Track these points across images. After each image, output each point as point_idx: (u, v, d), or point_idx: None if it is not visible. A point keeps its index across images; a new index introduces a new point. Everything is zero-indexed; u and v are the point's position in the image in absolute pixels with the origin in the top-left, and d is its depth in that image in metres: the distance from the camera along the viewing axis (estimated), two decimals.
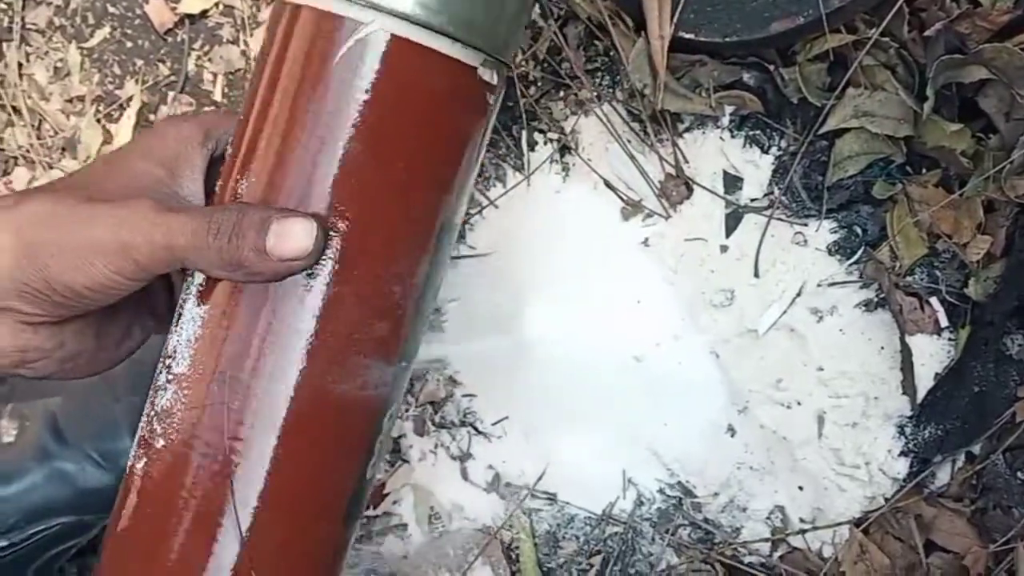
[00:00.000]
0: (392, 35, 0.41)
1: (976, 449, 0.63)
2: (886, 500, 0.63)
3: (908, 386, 0.62)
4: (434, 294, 0.47)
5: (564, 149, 0.67)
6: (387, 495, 0.74)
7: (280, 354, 0.42)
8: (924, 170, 0.61)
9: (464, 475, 0.73)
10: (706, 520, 0.68)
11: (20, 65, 0.79)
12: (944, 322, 0.62)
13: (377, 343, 0.44)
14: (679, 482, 0.68)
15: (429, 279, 0.45)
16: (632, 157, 0.66)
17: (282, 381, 0.42)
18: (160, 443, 0.44)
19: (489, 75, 0.44)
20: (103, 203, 0.42)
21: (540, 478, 0.70)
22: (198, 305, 0.44)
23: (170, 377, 0.44)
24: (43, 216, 0.42)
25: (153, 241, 0.41)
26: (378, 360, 0.44)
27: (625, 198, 0.66)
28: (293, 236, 0.41)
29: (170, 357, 0.44)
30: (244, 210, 0.41)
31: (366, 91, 0.41)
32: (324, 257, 0.42)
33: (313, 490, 0.44)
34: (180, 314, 0.44)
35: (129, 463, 0.46)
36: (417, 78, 0.42)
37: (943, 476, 0.63)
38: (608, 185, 0.66)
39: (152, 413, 0.45)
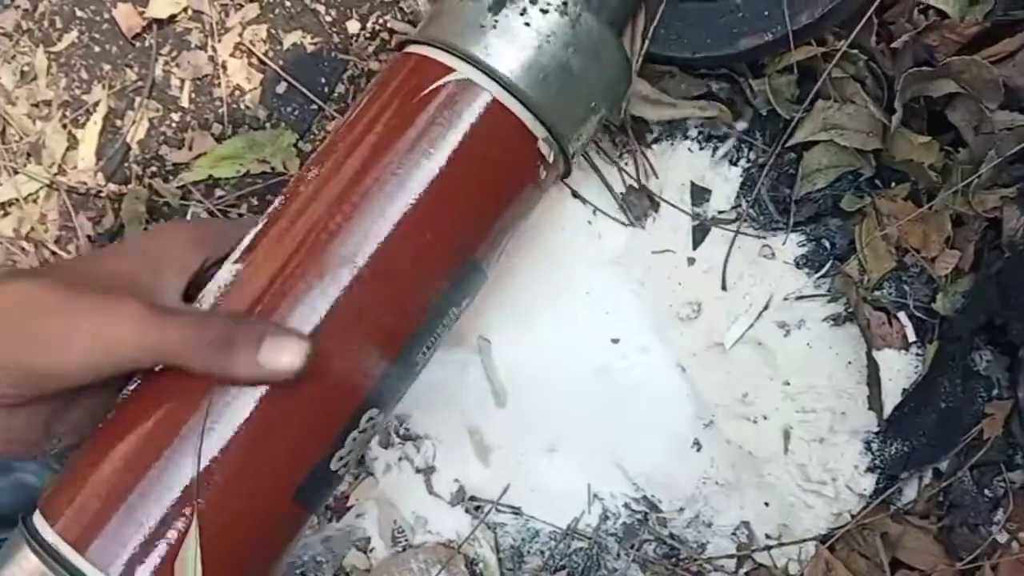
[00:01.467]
0: (472, 82, 0.49)
1: (943, 466, 0.62)
2: (852, 517, 0.63)
3: (875, 401, 0.62)
4: (450, 323, 0.52)
5: None
6: (350, 508, 0.73)
7: (297, 308, 0.45)
8: (893, 183, 0.61)
9: (429, 488, 0.72)
10: (671, 535, 0.67)
11: None
12: (912, 337, 0.62)
13: (384, 334, 0.48)
14: (645, 497, 0.67)
15: (447, 301, 0.50)
16: (595, 168, 0.65)
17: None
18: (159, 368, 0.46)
19: (546, 150, 0.51)
20: (89, 295, 0.42)
21: (504, 492, 0.69)
22: (236, 263, 0.48)
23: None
24: (27, 299, 0.42)
25: (142, 342, 0.42)
26: (378, 351, 0.48)
27: (593, 208, 0.65)
28: (286, 355, 0.43)
29: (201, 301, 0.48)
30: (239, 323, 0.43)
31: (447, 132, 0.48)
32: (358, 253, 0.47)
33: (277, 455, 0.46)
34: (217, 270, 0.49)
35: (125, 391, 0.47)
36: (490, 131, 0.49)
37: (910, 493, 0.63)
38: (576, 195, 0.66)
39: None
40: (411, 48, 0.52)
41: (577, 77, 0.51)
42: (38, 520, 0.46)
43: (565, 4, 0.50)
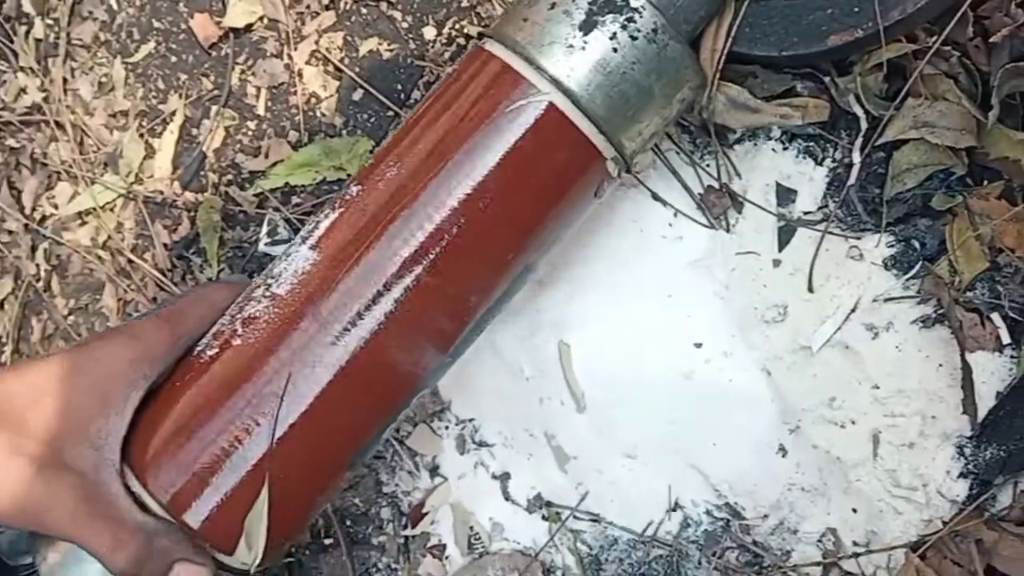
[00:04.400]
0: (554, 105, 0.51)
1: None
2: (944, 523, 0.61)
3: (968, 405, 0.60)
4: (493, 316, 0.56)
5: None
6: (425, 514, 0.72)
7: (365, 312, 0.50)
8: (986, 182, 0.60)
9: (505, 494, 0.71)
10: (755, 543, 0.66)
11: (65, 80, 0.79)
12: (1006, 339, 0.60)
13: (440, 334, 0.53)
14: (727, 503, 0.66)
15: (498, 302, 0.55)
16: (674, 171, 0.65)
17: (358, 334, 0.51)
18: (237, 342, 0.52)
19: (613, 168, 0.54)
20: (32, 469, 0.47)
21: (583, 499, 0.69)
22: (312, 249, 0.52)
23: (267, 294, 0.52)
24: None
25: (68, 536, 0.48)
26: (434, 348, 0.54)
27: (674, 211, 0.65)
28: None
29: (273, 279, 0.53)
30: (151, 544, 0.49)
31: (518, 141, 0.51)
32: (428, 250, 0.50)
33: (341, 428, 0.52)
34: (290, 252, 0.53)
35: (199, 349, 0.53)
36: (560, 147, 0.52)
37: (1004, 499, 0.61)
38: (656, 197, 0.65)
39: (238, 316, 0.53)
40: (494, 48, 0.52)
41: (655, 100, 0.53)
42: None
43: (655, 31, 0.51)
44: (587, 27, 0.51)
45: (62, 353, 0.51)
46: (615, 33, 0.51)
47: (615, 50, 0.51)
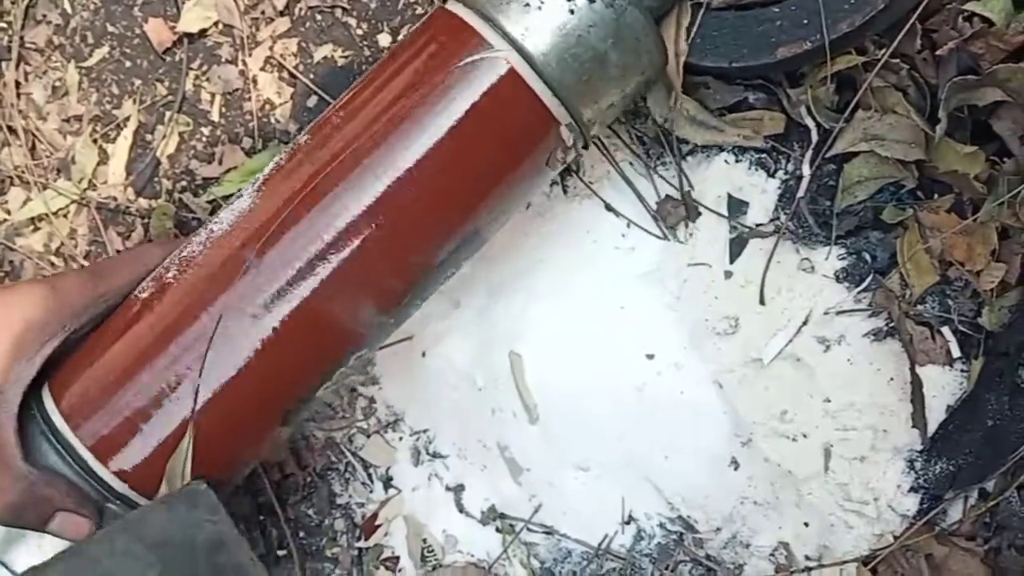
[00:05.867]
0: (508, 63, 0.50)
1: (990, 486, 0.60)
2: (895, 538, 0.61)
3: (919, 419, 0.60)
4: (439, 282, 0.56)
5: (565, 171, 0.66)
6: (379, 526, 0.72)
7: (306, 262, 0.50)
8: (936, 195, 0.60)
9: (459, 506, 0.71)
10: (708, 556, 0.65)
11: (18, 84, 0.78)
12: (956, 352, 0.60)
13: (382, 293, 0.53)
14: (680, 516, 0.66)
15: (443, 266, 0.54)
16: (627, 180, 0.64)
17: (298, 284, 0.50)
18: (172, 284, 0.52)
19: (568, 136, 0.53)
20: None
21: (536, 511, 0.68)
22: (256, 192, 0.53)
23: (208, 234, 0.52)
24: None
25: None
26: (375, 306, 0.53)
27: (627, 222, 0.64)
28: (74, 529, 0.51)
29: (215, 222, 0.53)
30: (32, 492, 0.50)
31: (470, 98, 0.50)
32: (371, 208, 0.50)
33: (274, 380, 0.52)
34: (240, 193, 0.54)
35: (136, 292, 0.53)
36: (513, 108, 0.51)
37: (955, 513, 0.61)
38: (609, 208, 0.65)
39: (176, 256, 0.53)
40: (453, 6, 0.52)
41: (612, 68, 0.52)
42: (46, 397, 0.52)
43: None
44: None
45: None
46: None
47: (572, 12, 0.50)
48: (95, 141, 0.76)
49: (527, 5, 0.50)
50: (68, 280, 0.53)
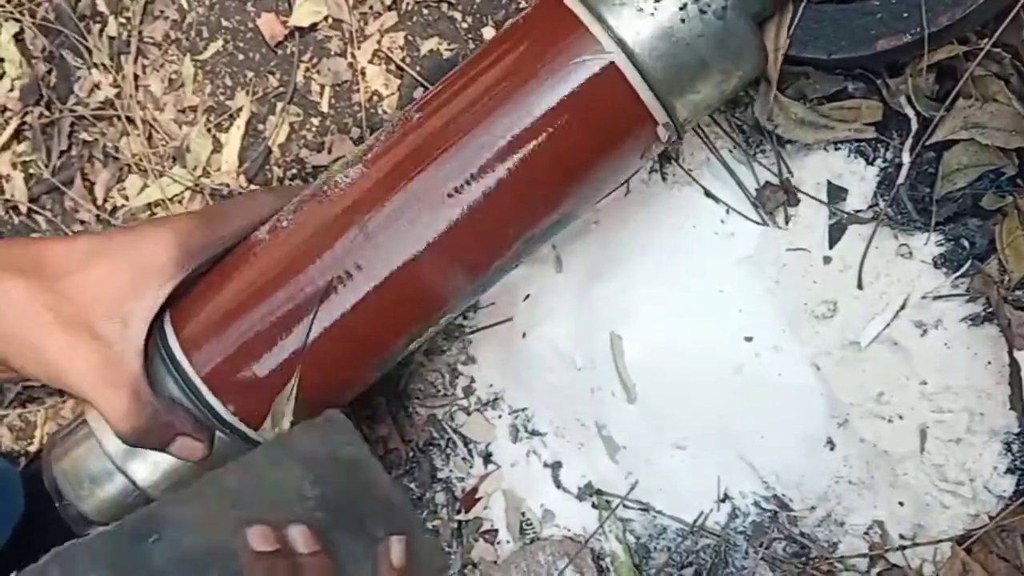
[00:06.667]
0: (615, 65, 0.52)
1: None
2: (991, 518, 0.62)
3: (1016, 402, 0.61)
4: (521, 257, 0.59)
5: (664, 158, 0.68)
6: (479, 500, 0.75)
7: (408, 231, 0.54)
8: None
9: (556, 482, 0.73)
10: (802, 534, 0.67)
11: (136, 77, 0.82)
12: None
13: (473, 264, 0.57)
14: (775, 495, 0.67)
15: (529, 244, 0.58)
16: (728, 167, 0.66)
17: (403, 250, 0.55)
18: (285, 223, 0.57)
19: (663, 134, 0.55)
20: (62, 328, 0.53)
21: (633, 488, 0.70)
22: (367, 165, 0.56)
23: (321, 189, 0.57)
24: (15, 305, 0.53)
25: (84, 395, 0.53)
26: (465, 275, 0.57)
27: (726, 207, 0.66)
28: (190, 452, 0.56)
29: (328, 186, 0.57)
30: (156, 418, 0.54)
31: (572, 89, 0.52)
32: (474, 182, 0.53)
33: (373, 332, 0.57)
34: (351, 161, 0.57)
35: (255, 236, 0.59)
36: (614, 104, 0.53)
37: None
38: (708, 194, 0.67)
39: (292, 207, 0.58)
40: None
41: (714, 73, 0.54)
42: (168, 330, 0.57)
43: (724, 8, 0.52)
44: None
45: (109, 233, 0.57)
46: (685, 3, 0.52)
47: (683, 20, 0.52)
48: (209, 131, 0.80)
49: (641, 10, 0.52)
50: (188, 223, 0.58)
